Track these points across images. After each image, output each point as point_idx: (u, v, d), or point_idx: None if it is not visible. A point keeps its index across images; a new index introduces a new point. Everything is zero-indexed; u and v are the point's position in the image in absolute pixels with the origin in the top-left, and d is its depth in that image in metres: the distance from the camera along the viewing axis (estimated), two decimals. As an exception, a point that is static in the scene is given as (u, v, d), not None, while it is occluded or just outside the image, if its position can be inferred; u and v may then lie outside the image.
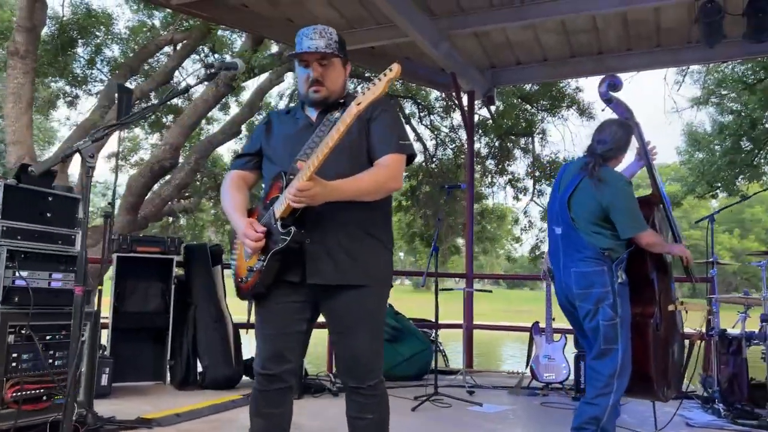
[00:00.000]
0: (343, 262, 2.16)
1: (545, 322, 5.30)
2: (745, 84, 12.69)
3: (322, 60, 2.22)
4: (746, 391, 4.52)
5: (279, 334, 2.23)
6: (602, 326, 3.08)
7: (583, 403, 3.17)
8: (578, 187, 3.22)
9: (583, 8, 6.09)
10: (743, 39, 5.70)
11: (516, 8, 6.29)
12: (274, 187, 2.22)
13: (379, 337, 2.24)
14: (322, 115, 2.28)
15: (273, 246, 2.13)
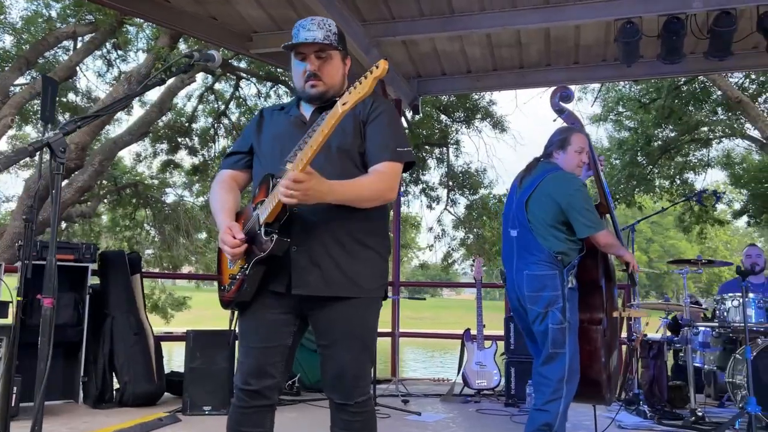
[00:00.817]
0: (331, 273, 2.03)
1: (476, 329, 5.36)
2: (641, 103, 13.58)
3: (319, 53, 2.09)
4: (666, 393, 4.77)
5: (262, 348, 2.08)
6: (551, 330, 3.12)
7: (534, 410, 3.20)
8: (536, 189, 3.27)
9: (509, 23, 6.25)
10: (657, 59, 6.06)
11: (445, 19, 6.36)
12: (261, 190, 2.07)
13: (368, 351, 2.12)
14: (317, 113, 2.14)
15: (256, 253, 1.99)
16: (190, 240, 18.05)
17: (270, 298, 2.06)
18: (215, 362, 4.56)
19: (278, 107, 2.29)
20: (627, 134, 14.72)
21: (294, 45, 2.09)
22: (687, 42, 5.81)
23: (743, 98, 11.48)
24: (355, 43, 6.15)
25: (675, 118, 13.37)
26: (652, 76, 10.33)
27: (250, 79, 15.00)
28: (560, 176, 3.30)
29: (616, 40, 5.93)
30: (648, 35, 5.84)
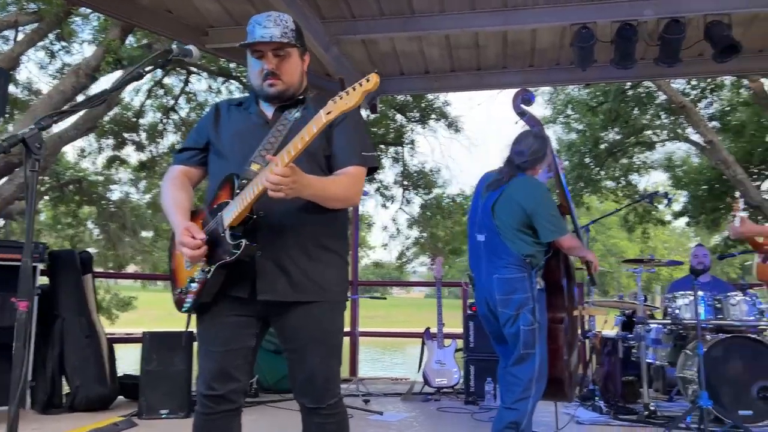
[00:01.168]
0: (296, 277, 2.01)
1: (436, 327, 5.39)
2: (589, 106, 13.96)
3: (277, 50, 2.05)
4: (620, 389, 4.91)
5: (225, 351, 2.03)
6: (522, 331, 3.17)
7: (503, 409, 3.25)
8: (503, 194, 3.31)
9: (467, 25, 6.31)
10: (610, 64, 6.24)
11: (405, 19, 6.38)
12: (224, 191, 2.01)
13: (336, 354, 2.11)
14: (278, 112, 2.11)
15: (220, 257, 1.93)
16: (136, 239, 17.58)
17: (231, 302, 2.02)
18: (173, 364, 4.44)
19: (235, 102, 2.22)
20: (575, 136, 15.11)
21: (250, 44, 2.05)
22: (639, 48, 6.00)
23: (687, 103, 11.94)
24: (315, 40, 6.10)
25: (621, 122, 13.80)
26: (605, 80, 10.60)
27: (200, 74, 14.71)
28: (526, 181, 3.34)
29: (572, 45, 6.07)
30: (602, 40, 5.99)
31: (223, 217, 1.95)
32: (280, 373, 5.59)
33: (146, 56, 9.02)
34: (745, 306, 4.43)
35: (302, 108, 2.08)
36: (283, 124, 2.07)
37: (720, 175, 14.80)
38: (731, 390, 4.12)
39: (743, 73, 10.12)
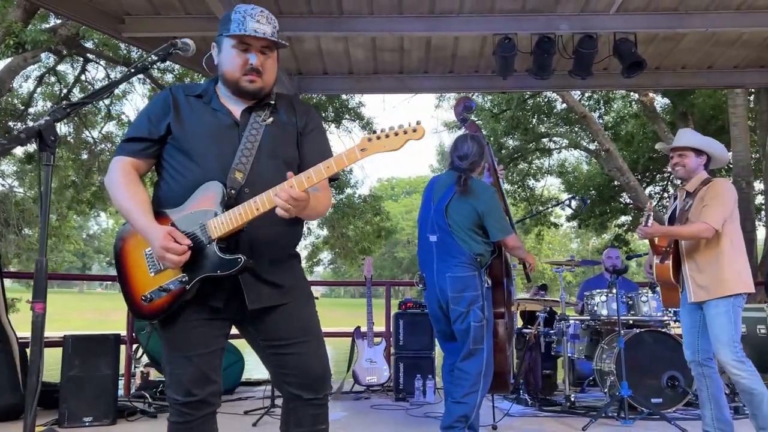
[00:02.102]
0: (277, 283, 2.02)
1: (367, 326, 5.45)
2: (493, 113, 14.55)
3: (265, 48, 2.02)
4: (540, 382, 5.18)
5: (203, 354, 1.98)
6: (473, 327, 3.31)
7: (451, 403, 3.35)
8: (454, 197, 3.43)
9: (394, 29, 6.41)
10: (528, 74, 6.57)
11: (333, 19, 6.38)
12: (206, 198, 1.92)
13: (324, 343, 2.13)
14: (246, 113, 2.05)
15: (206, 269, 1.88)
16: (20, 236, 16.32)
17: (201, 306, 1.96)
18: (98, 369, 4.21)
19: (192, 92, 2.10)
20: (479, 141, 15.70)
21: (244, 36, 1.98)
22: (555, 60, 6.36)
23: (587, 114, 12.74)
24: (242, 34, 5.97)
25: (522, 129, 14.48)
26: (521, 89, 11.11)
27: (98, 61, 13.91)
28: (476, 183, 3.50)
29: (495, 54, 6.32)
30: (522, 51, 6.30)
31: (209, 227, 1.89)
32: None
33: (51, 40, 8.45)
34: (654, 302, 4.84)
35: (271, 111, 2.07)
36: (255, 128, 2.03)
37: (608, 181, 15.92)
38: (644, 380, 4.48)
39: (642, 88, 10.96)
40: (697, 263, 3.37)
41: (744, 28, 6.30)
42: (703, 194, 3.40)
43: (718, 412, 3.32)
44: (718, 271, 3.27)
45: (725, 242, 3.30)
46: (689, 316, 3.43)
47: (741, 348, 3.19)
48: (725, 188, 3.39)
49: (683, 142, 3.52)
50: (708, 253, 3.33)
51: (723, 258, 3.29)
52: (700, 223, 3.29)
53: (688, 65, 7.36)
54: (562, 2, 6.01)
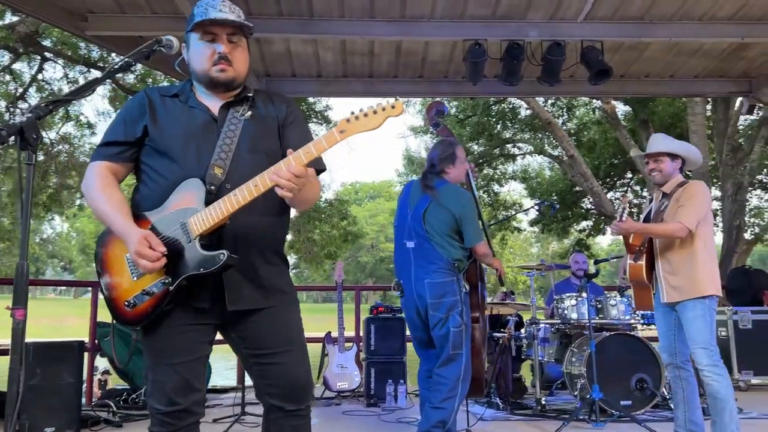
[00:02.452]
0: (261, 284, 1.96)
1: (337, 332, 5.40)
2: (458, 119, 14.66)
3: (232, 36, 1.97)
4: (511, 386, 5.21)
5: (188, 362, 1.92)
6: (452, 333, 3.30)
7: (429, 408, 3.33)
8: (432, 202, 3.42)
9: (365, 32, 6.39)
10: (497, 80, 6.62)
11: (303, 21, 6.32)
12: (185, 197, 1.87)
13: (307, 353, 2.08)
14: (224, 109, 2.01)
15: (189, 268, 1.82)
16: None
17: (186, 311, 1.91)
18: (60, 378, 4.05)
19: (167, 92, 2.06)
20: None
21: (211, 21, 1.92)
22: (524, 66, 6.42)
23: (552, 120, 12.93)
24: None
25: (487, 135, 14.62)
26: (489, 95, 11.21)
27: (56, 60, 13.54)
28: (453, 189, 3.51)
29: (465, 59, 6.36)
30: (492, 57, 6.35)
31: (189, 225, 1.84)
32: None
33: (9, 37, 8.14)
34: (622, 306, 4.91)
35: (249, 106, 2.03)
36: (234, 123, 1.99)
37: (570, 187, 16.20)
38: (614, 383, 4.53)
39: (607, 96, 11.17)
40: (670, 263, 3.38)
41: (705, 39, 6.48)
42: (678, 195, 3.42)
43: (691, 413, 3.37)
44: (691, 272, 3.29)
45: (699, 243, 3.33)
46: (664, 319, 3.45)
47: (717, 351, 3.21)
48: (701, 190, 3.41)
49: (658, 147, 3.54)
50: (682, 254, 3.35)
51: (697, 259, 3.30)
52: (675, 223, 3.30)
53: (652, 74, 7.53)
54: (531, 9, 6.08)
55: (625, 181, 16.68)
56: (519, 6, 6.03)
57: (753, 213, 15.93)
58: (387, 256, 52.74)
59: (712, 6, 5.99)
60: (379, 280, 51.07)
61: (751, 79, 7.64)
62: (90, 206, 1.96)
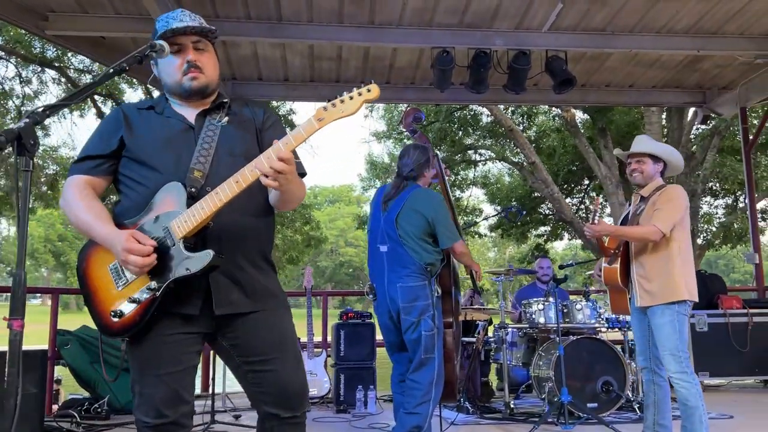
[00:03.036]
0: (249, 287, 1.94)
1: (306, 338, 5.36)
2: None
3: (198, 43, 1.98)
4: (479, 390, 5.26)
5: (176, 372, 1.88)
6: (424, 337, 3.32)
7: (404, 414, 3.34)
8: (404, 206, 3.44)
9: (334, 37, 6.40)
10: (465, 87, 6.71)
11: (271, 25, 6.29)
12: (166, 201, 1.85)
13: (301, 358, 2.06)
14: (200, 116, 2.01)
15: (175, 271, 1.79)
16: None
17: (173, 319, 1.87)
18: (23, 387, 3.91)
19: (142, 106, 2.07)
20: (407, 152, 15.92)
21: (173, 30, 1.93)
22: (491, 75, 6.52)
23: (515, 127, 13.15)
24: (177, 37, 5.78)
25: (449, 141, 14.77)
26: (457, 102, 11.32)
27: (9, 59, 13.10)
28: (424, 192, 3.54)
29: (433, 66, 6.43)
30: (459, 65, 6.43)
31: (172, 228, 1.81)
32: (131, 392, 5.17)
33: None
34: (588, 310, 5.02)
35: (223, 112, 2.03)
36: (211, 129, 1.99)
37: (529, 192, 16.48)
38: (581, 386, 4.63)
39: (569, 104, 11.40)
40: (644, 267, 3.40)
41: (663, 51, 6.69)
42: (656, 199, 3.43)
43: (661, 417, 3.44)
44: (665, 276, 3.31)
45: (674, 247, 3.35)
46: (639, 323, 3.50)
47: (687, 357, 3.24)
48: (678, 194, 3.41)
49: (642, 148, 3.55)
50: (656, 258, 3.37)
51: (671, 263, 3.32)
52: (650, 226, 3.32)
53: (612, 83, 7.74)
54: (498, 19, 6.18)
55: (582, 187, 17.06)
56: (486, 15, 6.13)
57: (704, 219, 16.50)
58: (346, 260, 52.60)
59: (670, 19, 6.20)
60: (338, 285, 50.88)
61: (705, 90, 7.93)
62: (70, 219, 1.91)
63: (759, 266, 7.34)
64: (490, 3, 5.92)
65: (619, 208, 12.28)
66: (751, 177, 7.81)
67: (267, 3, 5.94)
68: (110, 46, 6.65)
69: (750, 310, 6.30)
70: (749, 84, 7.41)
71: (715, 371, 6.15)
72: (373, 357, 5.39)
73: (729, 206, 16.25)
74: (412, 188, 3.59)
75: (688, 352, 3.32)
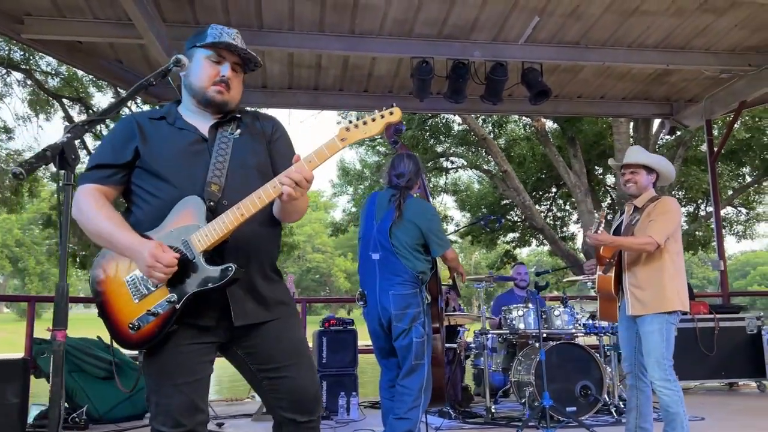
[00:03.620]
0: (262, 298, 2.00)
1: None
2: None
3: (236, 65, 2.05)
4: (460, 395, 5.34)
5: (193, 382, 1.90)
6: (415, 343, 3.39)
7: (394, 420, 3.39)
8: (398, 217, 3.51)
9: (314, 46, 6.43)
10: (443, 97, 6.82)
11: (252, 32, 6.29)
12: (185, 215, 1.88)
13: (314, 364, 2.12)
14: (213, 129, 2.05)
15: (195, 285, 1.83)
16: None
17: (189, 329, 1.90)
18: (4, 397, 3.86)
19: (155, 116, 2.08)
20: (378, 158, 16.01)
21: (227, 44, 2.00)
22: (469, 85, 6.64)
23: (487, 136, 13.34)
24: (158, 41, 5.76)
25: (421, 148, 14.90)
26: (434, 111, 11.47)
27: (-27, 62, 12.78)
28: (418, 203, 3.63)
29: (413, 76, 6.52)
30: (438, 75, 6.54)
31: (192, 242, 1.84)
32: (110, 401, 5.13)
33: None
34: (566, 316, 5.15)
35: (238, 125, 2.08)
36: (224, 142, 2.03)
37: (498, 200, 16.72)
38: (560, 390, 4.74)
39: (542, 114, 11.65)
40: (637, 277, 3.49)
41: (634, 64, 6.92)
42: (650, 210, 3.51)
43: (642, 420, 3.55)
44: (657, 287, 3.40)
45: (666, 259, 3.44)
46: (627, 330, 3.60)
47: (671, 365, 3.35)
48: (672, 206, 3.50)
49: (636, 159, 3.62)
50: (649, 268, 3.46)
51: (663, 274, 3.41)
52: (645, 237, 3.40)
53: (584, 95, 7.96)
54: (476, 30, 6.31)
55: (550, 194, 17.38)
56: (464, 27, 6.26)
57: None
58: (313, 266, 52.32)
59: (641, 34, 6.42)
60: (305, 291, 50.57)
61: (672, 102, 8.21)
62: (87, 228, 1.90)
63: (724, 273, 7.61)
64: (469, 15, 6.04)
65: (587, 215, 12.55)
66: (716, 186, 8.10)
67: (248, 10, 5.97)
68: (87, 50, 6.58)
69: (716, 315, 6.53)
70: (714, 97, 7.70)
71: (683, 375, 6.30)
72: (355, 364, 5.43)
73: (691, 214, 16.73)
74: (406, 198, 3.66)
75: (672, 360, 3.41)
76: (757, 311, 6.73)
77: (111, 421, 5.03)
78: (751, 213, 17.55)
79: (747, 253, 65.99)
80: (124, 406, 5.19)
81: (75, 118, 13.43)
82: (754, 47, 6.69)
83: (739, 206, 17.35)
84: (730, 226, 17.16)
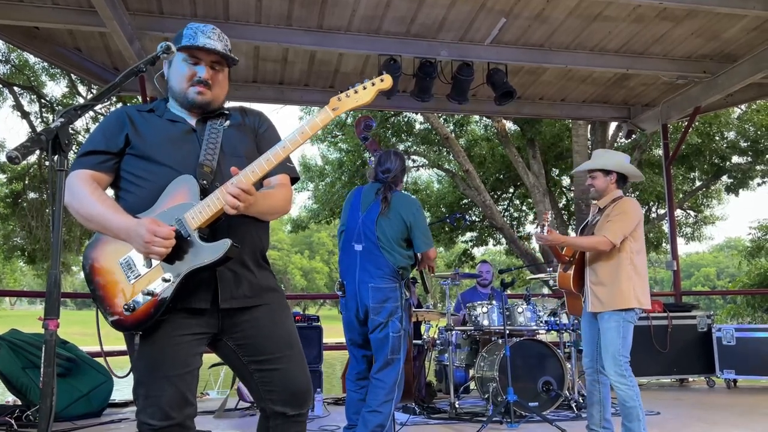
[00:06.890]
0: (251, 283, 2.00)
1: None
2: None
3: (215, 64, 2.04)
4: (424, 391, 5.39)
5: (183, 374, 1.88)
6: (391, 338, 3.41)
7: (366, 413, 3.40)
8: (385, 210, 3.53)
9: (281, 40, 6.37)
10: (411, 95, 6.86)
11: (218, 24, 6.09)
12: (178, 194, 1.88)
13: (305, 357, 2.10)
14: (201, 122, 2.06)
15: (191, 261, 1.82)
16: None
17: (184, 317, 1.89)
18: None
19: (143, 109, 2.11)
20: (339, 155, 15.99)
21: (198, 47, 1.99)
22: (436, 84, 6.69)
23: (450, 136, 13.45)
24: (121, 30, 5.63)
25: (383, 146, 14.95)
26: (399, 109, 11.52)
27: None
28: (405, 197, 3.67)
29: (380, 74, 6.50)
30: (406, 73, 6.57)
31: (186, 219, 1.84)
32: (67, 398, 4.98)
33: None
34: (528, 313, 5.24)
35: (226, 118, 2.09)
36: (214, 132, 2.04)
37: (458, 199, 16.88)
38: (522, 385, 4.83)
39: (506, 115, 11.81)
40: (597, 275, 3.60)
41: (595, 68, 7.08)
42: (609, 211, 3.63)
43: (606, 412, 3.68)
44: (615, 284, 3.51)
45: (624, 258, 3.55)
46: (588, 326, 3.71)
47: (626, 361, 3.47)
48: (630, 207, 3.61)
49: (593, 164, 3.76)
50: (608, 267, 3.56)
51: (620, 273, 3.52)
52: (599, 236, 3.52)
53: (546, 97, 8.11)
54: (443, 30, 6.36)
55: (508, 194, 17.65)
56: (432, 26, 6.30)
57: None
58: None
59: (603, 39, 6.57)
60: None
61: (630, 106, 8.44)
62: (80, 213, 1.88)
63: (677, 273, 7.87)
64: (437, 15, 6.09)
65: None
66: (671, 189, 8.36)
67: (215, 2, 5.89)
68: (44, 37, 6.38)
69: (670, 314, 6.76)
70: (670, 102, 7.95)
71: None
72: (320, 360, 5.41)
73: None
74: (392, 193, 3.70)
75: (629, 356, 3.52)
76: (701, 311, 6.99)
77: (66, 418, 4.88)
78: (699, 216, 18.17)
79: (692, 255, 68.46)
80: (79, 404, 5.06)
81: (25, 107, 13.00)
82: (708, 55, 6.93)
83: (688, 209, 17.95)
84: (679, 228, 17.72)
